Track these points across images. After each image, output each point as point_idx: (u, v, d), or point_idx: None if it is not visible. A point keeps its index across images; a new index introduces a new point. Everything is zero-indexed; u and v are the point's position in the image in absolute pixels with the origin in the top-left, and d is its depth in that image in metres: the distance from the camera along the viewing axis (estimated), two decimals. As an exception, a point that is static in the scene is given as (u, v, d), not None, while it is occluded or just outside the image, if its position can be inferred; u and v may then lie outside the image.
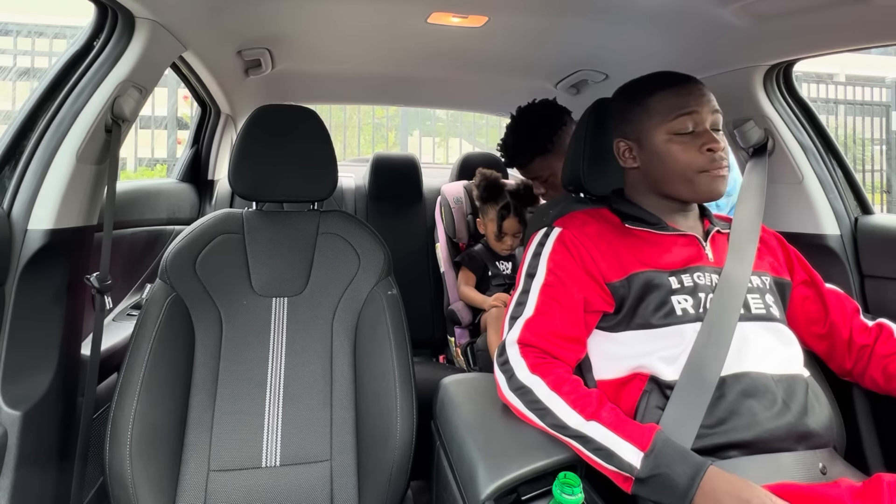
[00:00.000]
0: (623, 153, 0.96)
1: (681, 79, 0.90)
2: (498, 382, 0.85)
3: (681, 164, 0.87)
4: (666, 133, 0.88)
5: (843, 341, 0.91)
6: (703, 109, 0.87)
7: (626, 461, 0.70)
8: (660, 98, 0.89)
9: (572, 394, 0.78)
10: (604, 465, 0.73)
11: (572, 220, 0.95)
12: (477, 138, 5.28)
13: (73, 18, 3.86)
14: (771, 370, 0.80)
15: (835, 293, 0.96)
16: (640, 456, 0.70)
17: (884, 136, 5.29)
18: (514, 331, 0.86)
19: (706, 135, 0.86)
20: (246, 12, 1.20)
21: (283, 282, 1.13)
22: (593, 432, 0.74)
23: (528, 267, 0.93)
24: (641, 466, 0.69)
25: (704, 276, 0.87)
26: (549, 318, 0.86)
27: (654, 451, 0.70)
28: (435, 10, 1.17)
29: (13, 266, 0.88)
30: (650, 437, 0.71)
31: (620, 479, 0.72)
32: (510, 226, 1.74)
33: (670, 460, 0.69)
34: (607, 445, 0.72)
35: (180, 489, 0.97)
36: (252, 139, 1.13)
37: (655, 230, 0.92)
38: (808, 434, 0.78)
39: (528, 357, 0.83)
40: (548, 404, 0.78)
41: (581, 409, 0.76)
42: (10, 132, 0.92)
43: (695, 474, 0.67)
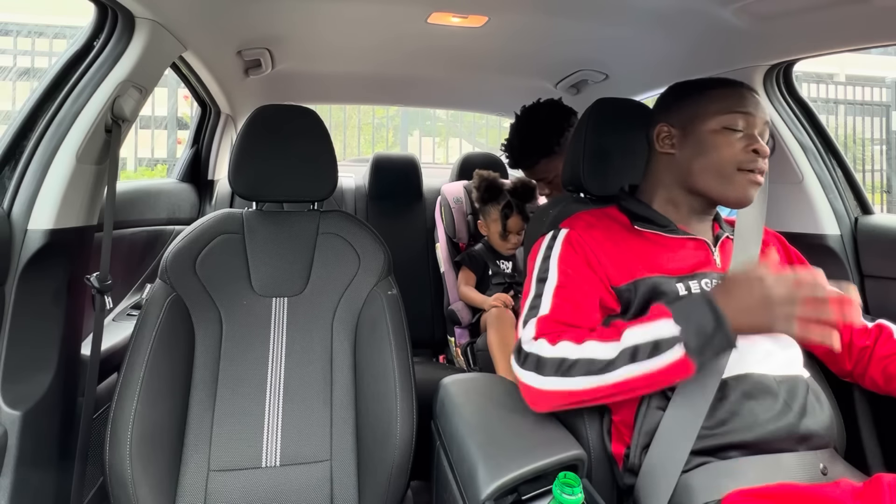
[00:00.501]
0: (662, 139, 0.94)
1: (741, 83, 0.91)
2: (528, 385, 0.80)
3: (723, 157, 0.86)
4: (717, 124, 0.87)
5: (843, 343, 0.91)
6: (757, 114, 0.87)
7: (669, 334, 0.72)
8: (720, 92, 0.89)
9: (596, 334, 0.79)
10: (659, 366, 0.72)
11: (578, 221, 0.94)
12: (477, 138, 5.28)
13: (73, 18, 3.86)
14: (772, 371, 0.80)
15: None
16: (671, 322, 0.73)
17: (884, 136, 5.28)
18: (529, 330, 0.84)
19: (754, 137, 0.86)
20: (246, 12, 1.20)
21: (283, 282, 1.13)
22: (631, 339, 0.75)
23: (538, 272, 0.91)
24: (680, 329, 0.72)
25: (712, 282, 0.87)
26: (563, 315, 0.84)
27: (675, 311, 0.74)
28: (435, 10, 1.17)
29: (13, 266, 0.88)
30: (663, 309, 0.75)
31: (678, 369, 0.72)
32: (514, 224, 1.74)
33: (691, 308, 0.74)
34: (648, 338, 0.74)
35: (180, 489, 0.97)
36: (252, 139, 1.13)
37: (665, 233, 0.91)
38: (808, 435, 0.78)
39: (546, 337, 0.81)
40: (583, 355, 0.76)
41: (610, 336, 0.77)
42: (10, 132, 0.92)
43: (709, 304, 0.72)
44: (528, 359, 0.80)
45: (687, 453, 0.76)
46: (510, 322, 1.59)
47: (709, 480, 0.75)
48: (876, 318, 0.93)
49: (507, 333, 1.56)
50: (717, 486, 0.73)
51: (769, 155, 0.86)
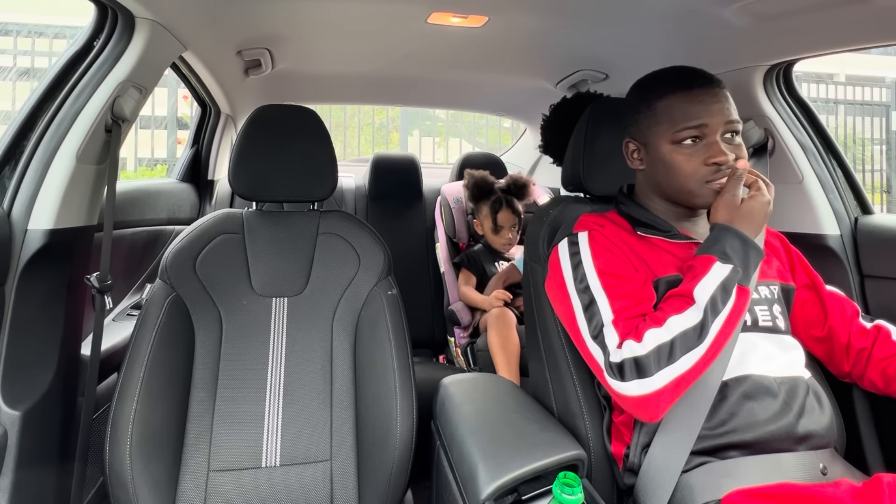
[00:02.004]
0: (631, 154, 0.93)
1: (694, 81, 0.84)
2: (638, 395, 0.73)
3: (684, 174, 0.83)
4: (670, 143, 0.84)
5: (842, 345, 0.91)
6: (714, 119, 0.81)
7: (728, 274, 0.76)
8: (667, 104, 0.84)
9: (669, 309, 0.77)
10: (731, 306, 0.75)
11: (590, 223, 0.92)
12: (477, 138, 5.28)
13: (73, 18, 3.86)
14: (773, 373, 0.80)
15: (835, 296, 0.95)
16: (719, 263, 0.77)
17: (884, 136, 5.28)
18: (610, 340, 0.78)
19: (713, 147, 0.81)
20: (246, 12, 1.20)
21: (283, 282, 1.13)
22: (705, 293, 0.76)
23: (575, 283, 0.85)
24: (731, 263, 0.77)
25: None
26: (628, 311, 0.80)
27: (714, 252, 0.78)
28: (435, 10, 1.17)
29: (13, 266, 0.88)
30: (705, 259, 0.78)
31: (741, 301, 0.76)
32: (505, 218, 1.75)
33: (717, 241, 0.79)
34: (717, 284, 0.76)
35: (180, 489, 0.97)
36: (252, 139, 1.13)
37: (667, 238, 0.89)
38: (808, 435, 0.78)
39: (630, 337, 0.77)
40: (675, 332, 0.74)
41: (682, 306, 0.76)
42: (10, 132, 0.92)
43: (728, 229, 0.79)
44: (625, 367, 0.74)
45: (687, 453, 0.76)
46: (511, 322, 1.59)
47: (709, 480, 0.75)
48: (876, 318, 0.93)
49: (507, 334, 1.57)
50: (717, 485, 0.73)
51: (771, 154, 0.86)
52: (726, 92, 0.85)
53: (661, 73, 0.90)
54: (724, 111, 0.83)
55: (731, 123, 0.83)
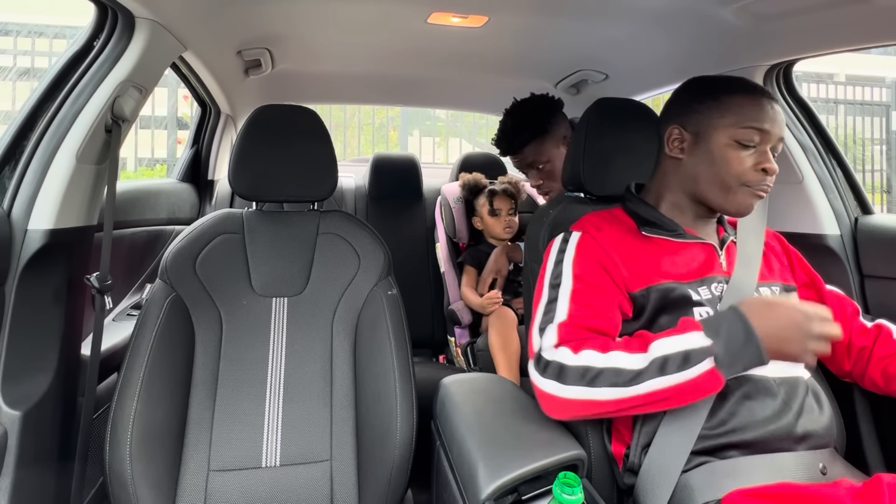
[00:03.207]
0: (673, 141, 0.91)
1: (762, 91, 0.86)
2: (548, 393, 0.78)
3: (731, 172, 0.84)
4: (730, 137, 0.84)
5: (843, 344, 0.91)
6: (774, 130, 0.83)
7: (699, 346, 0.72)
8: (738, 101, 0.85)
9: (622, 344, 0.78)
10: (689, 378, 0.71)
11: (589, 224, 0.92)
12: (477, 138, 5.28)
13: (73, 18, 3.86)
14: (772, 373, 0.80)
15: (835, 295, 0.95)
16: (702, 334, 0.73)
17: (884, 136, 5.28)
18: (549, 337, 0.82)
19: (766, 155, 0.83)
20: (246, 12, 1.20)
21: (283, 282, 1.13)
22: (660, 350, 0.74)
23: (550, 276, 0.89)
24: (711, 341, 0.72)
25: (719, 287, 0.86)
26: (582, 319, 0.83)
27: (706, 323, 0.74)
28: (435, 10, 1.17)
29: (13, 266, 0.88)
30: (691, 321, 0.76)
31: (707, 382, 0.72)
32: (501, 202, 1.78)
33: (720, 322, 0.74)
34: (678, 349, 0.73)
35: (180, 489, 0.97)
36: (252, 139, 1.13)
37: (673, 237, 0.89)
38: (807, 434, 0.78)
39: (568, 346, 0.79)
40: (609, 365, 0.74)
41: (638, 347, 0.76)
42: (10, 132, 0.92)
43: (741, 318, 0.72)
44: (550, 367, 0.78)
45: (687, 453, 0.76)
46: (511, 322, 1.59)
47: (708, 480, 0.75)
48: (876, 318, 0.93)
49: (508, 334, 1.57)
50: (717, 485, 0.73)
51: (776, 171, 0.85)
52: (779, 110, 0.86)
53: (727, 77, 0.92)
54: (781, 126, 0.85)
55: (781, 141, 0.86)
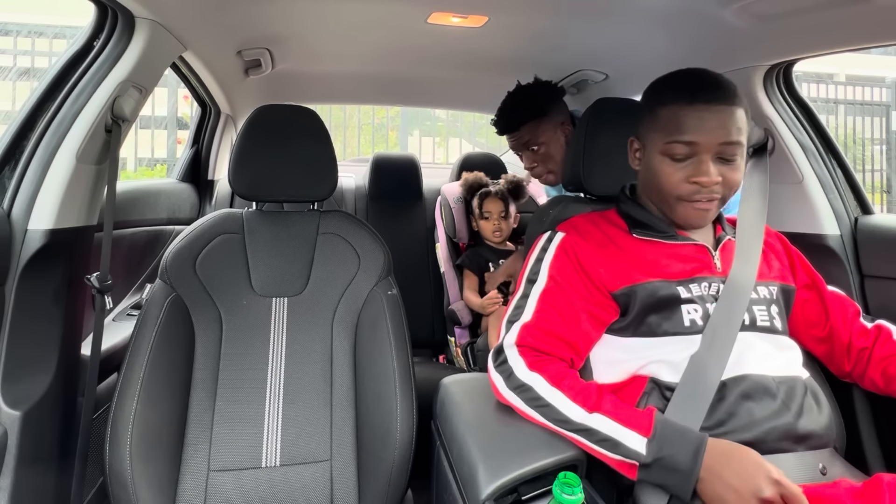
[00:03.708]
0: (634, 152, 0.93)
1: (700, 94, 0.82)
2: (494, 383, 0.84)
3: (663, 186, 0.85)
4: (660, 151, 0.85)
5: (843, 344, 0.91)
6: (706, 138, 0.80)
7: (633, 449, 0.71)
8: (668, 113, 0.84)
9: (573, 388, 0.78)
10: (609, 456, 0.73)
11: (575, 225, 0.93)
12: (477, 138, 5.28)
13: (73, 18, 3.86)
14: (771, 372, 0.80)
15: (836, 296, 0.95)
16: (644, 442, 0.70)
17: (884, 136, 5.28)
18: (512, 334, 0.85)
19: (699, 167, 0.81)
20: (246, 12, 1.20)
21: (283, 282, 1.13)
22: (597, 424, 0.74)
23: (529, 272, 0.92)
24: (647, 452, 0.70)
25: (712, 286, 0.86)
26: (547, 323, 0.85)
27: (657, 436, 0.70)
28: (435, 10, 1.17)
29: (13, 266, 0.88)
30: (650, 421, 0.72)
31: (625, 468, 0.72)
32: (492, 206, 1.77)
33: (672, 442, 0.70)
34: (612, 436, 0.72)
35: (180, 489, 0.97)
36: (252, 139, 1.13)
37: (664, 239, 0.89)
38: (807, 435, 0.78)
39: (526, 356, 0.83)
40: (549, 400, 0.78)
41: (583, 403, 0.76)
42: (10, 132, 0.92)
43: (696, 452, 0.68)
44: (504, 365, 0.83)
45: None
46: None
47: None
48: (876, 318, 0.93)
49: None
50: None
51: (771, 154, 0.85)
52: (734, 109, 0.81)
53: (674, 76, 0.89)
54: (721, 131, 0.80)
55: (727, 145, 0.81)
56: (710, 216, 0.86)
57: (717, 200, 0.85)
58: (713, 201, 0.84)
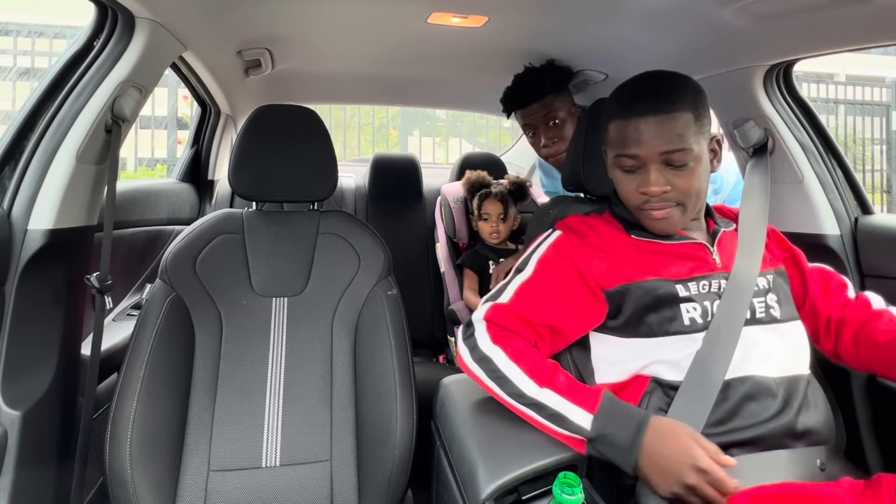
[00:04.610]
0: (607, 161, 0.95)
1: (636, 107, 0.83)
2: (461, 355, 0.87)
3: (623, 196, 0.89)
4: (614, 165, 0.89)
5: (824, 319, 0.90)
6: (645, 150, 0.82)
7: (578, 424, 0.74)
8: (613, 127, 0.87)
9: (530, 363, 0.81)
10: (557, 431, 0.76)
11: (573, 225, 0.94)
12: (477, 138, 5.28)
13: (73, 18, 3.86)
14: (773, 373, 0.80)
15: (818, 270, 0.94)
16: (590, 418, 0.74)
17: (884, 136, 5.28)
18: (482, 310, 0.89)
19: (645, 177, 0.84)
20: (246, 12, 1.20)
21: (283, 282, 1.13)
22: (547, 399, 0.77)
23: (520, 263, 0.94)
24: (591, 428, 0.73)
25: (713, 283, 0.86)
26: (518, 308, 0.87)
27: (602, 412, 0.74)
28: (435, 10, 1.17)
29: (13, 266, 0.88)
30: (598, 398, 0.76)
31: (574, 442, 0.76)
32: (490, 207, 1.77)
33: (615, 419, 0.73)
34: (560, 411, 0.76)
35: (180, 489, 0.97)
36: (252, 139, 1.13)
37: (661, 239, 0.89)
38: (805, 431, 0.78)
39: (491, 331, 0.86)
40: (506, 373, 0.80)
41: (536, 378, 0.79)
42: (10, 132, 0.92)
43: (637, 430, 0.72)
44: (470, 337, 0.87)
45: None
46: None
47: None
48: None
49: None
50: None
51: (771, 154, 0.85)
52: (673, 116, 0.82)
53: (620, 88, 0.90)
54: (658, 141, 0.81)
55: (669, 154, 0.82)
56: (673, 223, 0.87)
57: (675, 207, 0.85)
58: (667, 209, 0.85)
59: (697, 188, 0.85)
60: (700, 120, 0.84)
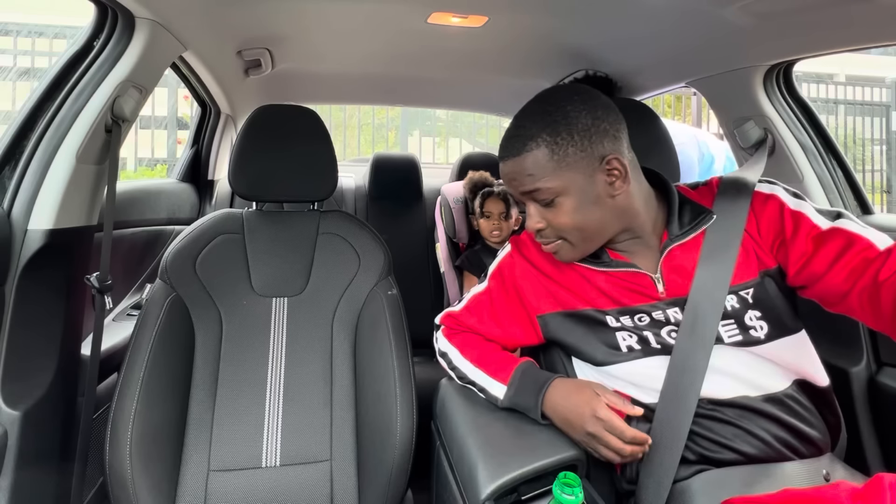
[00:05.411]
0: None
1: (500, 153, 0.83)
2: (436, 353, 1.01)
3: None
4: None
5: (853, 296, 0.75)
6: (511, 190, 0.84)
7: (495, 395, 0.87)
8: None
9: (472, 351, 0.93)
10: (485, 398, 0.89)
11: (522, 243, 0.95)
12: (477, 138, 5.28)
13: (73, 18, 3.86)
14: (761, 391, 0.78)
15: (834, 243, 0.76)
16: (504, 389, 0.86)
17: (884, 136, 5.28)
18: (441, 315, 1.03)
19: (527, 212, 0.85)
20: (246, 12, 1.20)
21: (283, 282, 1.13)
22: (477, 377, 0.90)
23: (487, 271, 0.99)
24: (503, 397, 0.85)
25: (654, 314, 0.82)
26: (465, 318, 0.98)
27: (512, 384, 0.85)
28: (435, 10, 1.17)
29: (13, 266, 0.88)
30: (509, 367, 0.87)
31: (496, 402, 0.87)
32: (493, 206, 1.77)
33: (522, 387, 0.84)
34: (484, 386, 0.89)
35: (180, 489, 0.97)
36: (252, 139, 1.13)
37: (599, 267, 0.85)
38: (805, 443, 0.78)
39: (445, 332, 1.00)
40: (457, 363, 0.94)
41: (474, 361, 0.92)
42: (10, 132, 0.92)
43: (538, 395, 0.82)
44: (436, 339, 1.02)
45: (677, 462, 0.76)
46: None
47: (709, 488, 0.74)
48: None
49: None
50: (717, 493, 0.73)
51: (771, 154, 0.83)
52: (519, 158, 0.79)
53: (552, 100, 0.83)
54: (514, 182, 0.82)
55: (528, 193, 0.81)
56: (565, 256, 0.85)
57: (560, 242, 0.83)
58: (552, 244, 0.84)
59: (576, 223, 0.80)
60: (560, 152, 0.77)
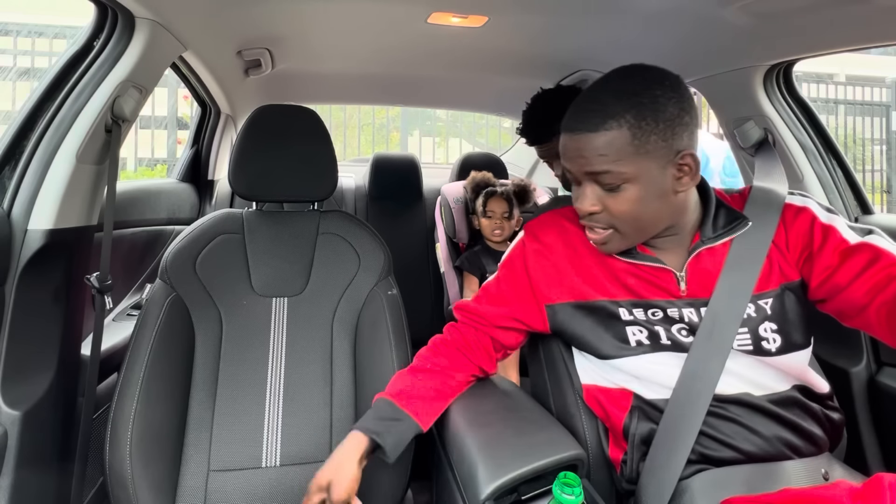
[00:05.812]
0: None
1: (568, 124, 0.78)
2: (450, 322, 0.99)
3: None
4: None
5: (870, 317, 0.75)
6: (572, 167, 0.78)
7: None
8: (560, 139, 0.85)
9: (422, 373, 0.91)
10: None
11: (538, 228, 0.91)
12: (477, 138, 5.28)
13: (73, 18, 3.86)
14: (764, 391, 0.79)
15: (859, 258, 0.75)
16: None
17: (884, 136, 5.28)
18: (455, 304, 1.00)
19: (576, 192, 0.80)
20: (246, 12, 1.20)
21: (283, 282, 1.13)
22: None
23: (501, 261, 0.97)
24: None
25: (669, 311, 0.80)
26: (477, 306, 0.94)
27: (368, 415, 0.87)
28: (435, 10, 1.17)
29: (13, 266, 0.88)
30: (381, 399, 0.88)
31: None
32: (496, 205, 1.77)
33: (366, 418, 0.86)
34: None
35: (180, 489, 0.97)
36: (252, 139, 1.13)
37: (622, 258, 0.83)
38: (805, 443, 0.78)
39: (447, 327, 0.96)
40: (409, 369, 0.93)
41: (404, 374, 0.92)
42: (10, 132, 0.92)
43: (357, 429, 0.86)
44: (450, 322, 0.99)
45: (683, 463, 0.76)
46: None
47: (709, 488, 0.74)
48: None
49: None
50: (717, 493, 0.73)
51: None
52: (598, 135, 0.73)
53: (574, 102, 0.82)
54: (581, 160, 0.76)
55: (594, 174, 0.75)
56: (610, 248, 0.81)
57: (609, 232, 0.79)
58: (602, 234, 0.79)
59: (635, 213, 0.76)
60: (641, 137, 0.73)
